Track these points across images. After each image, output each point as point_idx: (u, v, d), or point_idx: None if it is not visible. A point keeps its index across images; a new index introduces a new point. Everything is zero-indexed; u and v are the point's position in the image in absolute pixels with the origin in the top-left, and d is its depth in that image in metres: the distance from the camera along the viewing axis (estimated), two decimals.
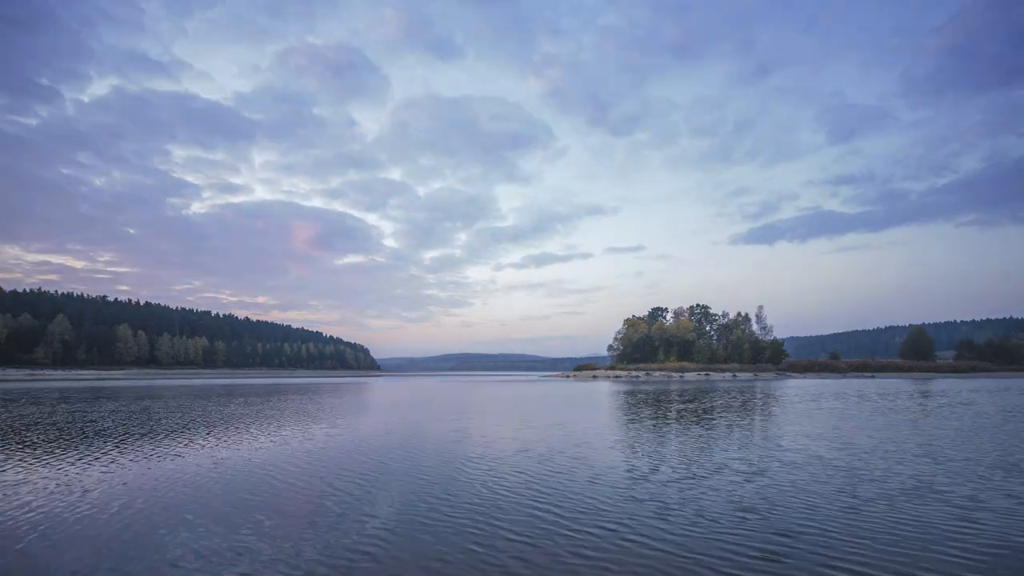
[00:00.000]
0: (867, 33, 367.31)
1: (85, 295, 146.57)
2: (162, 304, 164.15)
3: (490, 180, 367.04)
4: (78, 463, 9.09)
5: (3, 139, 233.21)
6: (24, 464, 9.03)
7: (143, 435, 12.82)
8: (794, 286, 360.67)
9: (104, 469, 8.61)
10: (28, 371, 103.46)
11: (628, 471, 8.45)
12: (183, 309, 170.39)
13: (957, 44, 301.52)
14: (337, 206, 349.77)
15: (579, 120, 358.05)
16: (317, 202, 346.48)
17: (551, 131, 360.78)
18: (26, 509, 6.18)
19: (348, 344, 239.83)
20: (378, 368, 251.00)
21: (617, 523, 5.57)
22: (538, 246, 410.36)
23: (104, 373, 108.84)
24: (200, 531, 5.33)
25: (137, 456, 9.85)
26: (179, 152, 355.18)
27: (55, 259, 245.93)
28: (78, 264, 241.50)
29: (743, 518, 5.73)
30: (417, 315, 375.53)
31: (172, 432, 13.44)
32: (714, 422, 15.78)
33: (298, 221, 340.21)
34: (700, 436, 12.74)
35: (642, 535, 5.15)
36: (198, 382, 61.18)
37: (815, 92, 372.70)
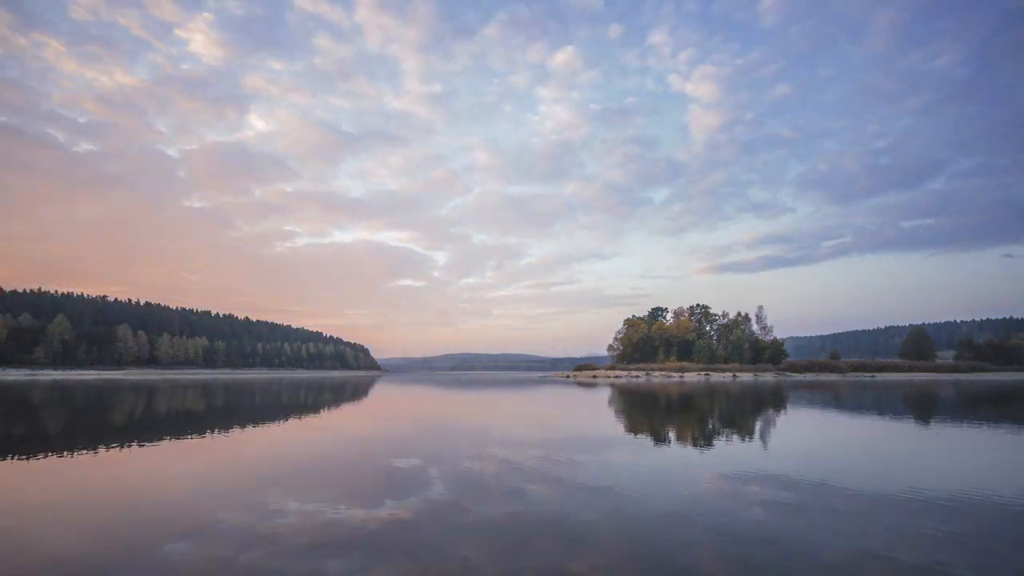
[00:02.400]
0: None
1: (85, 295, 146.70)
2: (162, 304, 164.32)
3: (529, 235, 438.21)
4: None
5: None
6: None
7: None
8: (794, 286, 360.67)
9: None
10: (28, 371, 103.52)
11: None
12: (183, 309, 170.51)
13: None
14: (406, 242, 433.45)
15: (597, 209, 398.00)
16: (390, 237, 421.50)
17: (575, 213, 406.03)
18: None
19: (348, 344, 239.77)
20: (378, 368, 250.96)
21: None
22: (551, 277, 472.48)
23: (104, 373, 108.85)
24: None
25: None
26: None
27: None
28: None
29: None
30: (435, 319, 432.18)
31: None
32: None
33: (376, 256, 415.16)
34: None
35: None
36: (222, 377, 61.10)
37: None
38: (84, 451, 9.75)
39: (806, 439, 12.44)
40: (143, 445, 10.58)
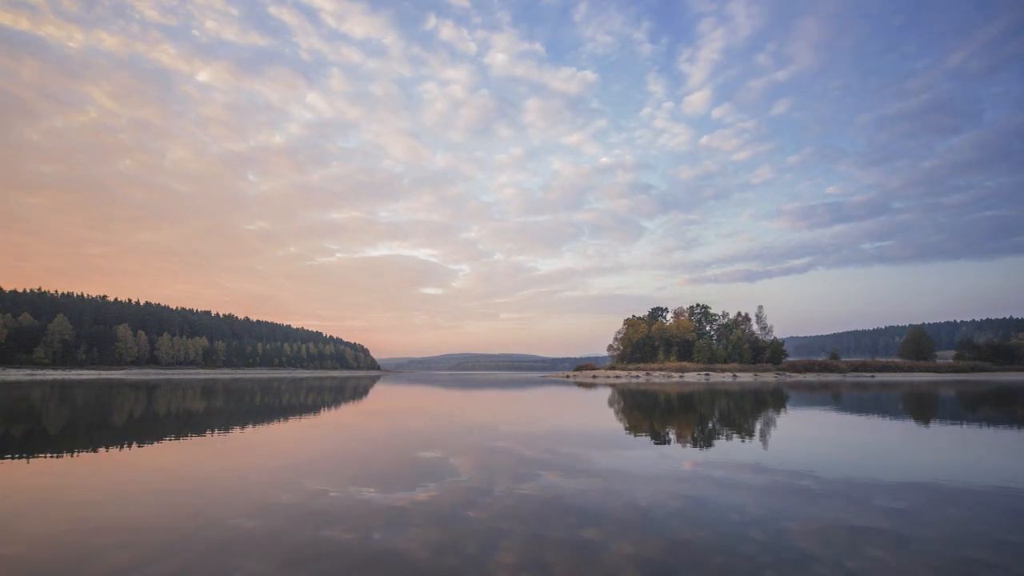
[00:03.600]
0: None
1: (85, 295, 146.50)
2: (163, 304, 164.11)
3: (541, 254, 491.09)
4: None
5: None
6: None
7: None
8: (794, 285, 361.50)
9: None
10: (28, 371, 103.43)
11: None
12: (183, 309, 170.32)
13: None
14: (433, 257, 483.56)
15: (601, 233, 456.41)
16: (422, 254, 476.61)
17: (583, 235, 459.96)
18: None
19: (348, 344, 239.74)
20: (378, 368, 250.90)
21: None
22: (557, 286, 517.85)
23: (104, 373, 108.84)
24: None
25: None
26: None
27: None
28: None
29: None
30: (446, 322, 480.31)
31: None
32: None
33: (404, 268, 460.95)
34: None
35: None
36: (228, 377, 61.29)
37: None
38: (129, 445, 10.30)
39: (798, 435, 12.90)
40: (177, 439, 11.21)
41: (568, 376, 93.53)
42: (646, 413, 18.07)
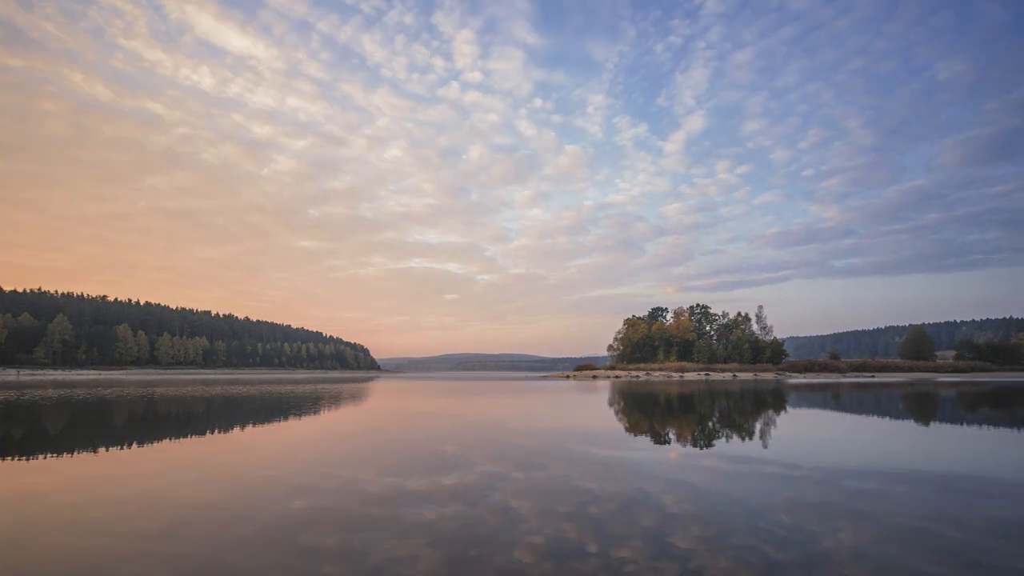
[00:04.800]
0: None
1: (85, 295, 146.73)
2: (162, 304, 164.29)
3: (552, 268, 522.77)
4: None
5: None
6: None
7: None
8: (793, 285, 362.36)
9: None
10: (28, 371, 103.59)
11: None
12: (183, 309, 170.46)
13: None
14: (457, 269, 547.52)
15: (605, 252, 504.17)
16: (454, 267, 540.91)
17: (592, 253, 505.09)
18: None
19: (348, 344, 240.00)
20: (378, 368, 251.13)
21: None
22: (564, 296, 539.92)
23: (104, 373, 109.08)
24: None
25: None
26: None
27: None
28: None
29: None
30: (454, 323, 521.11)
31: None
32: None
33: (431, 278, 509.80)
34: None
35: None
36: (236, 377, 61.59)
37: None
38: (165, 438, 11.09)
39: (790, 431, 13.33)
40: (204, 434, 11.82)
41: (568, 376, 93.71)
42: (646, 413, 18.43)
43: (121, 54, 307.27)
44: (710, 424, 14.21)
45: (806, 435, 11.74)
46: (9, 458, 8.22)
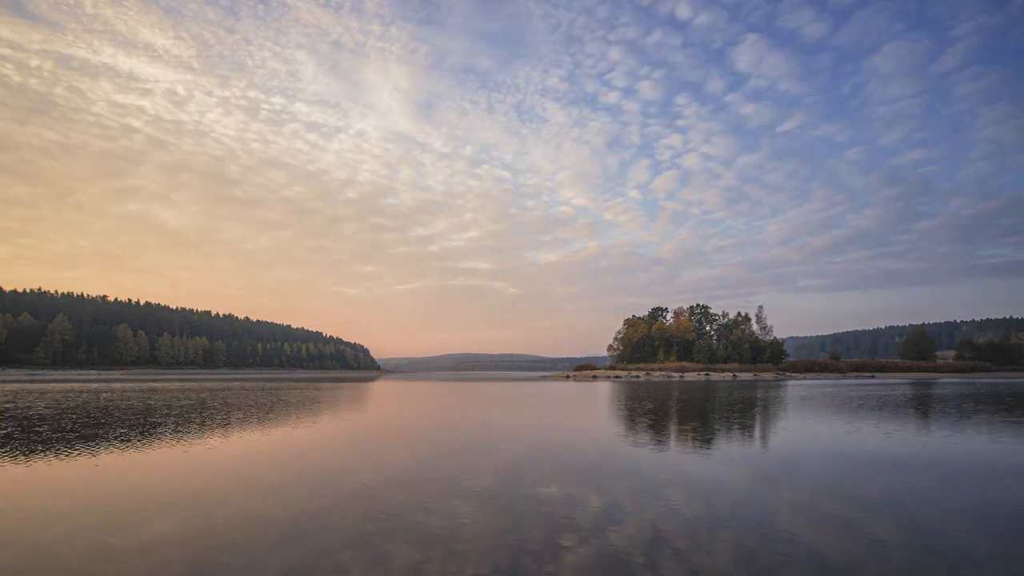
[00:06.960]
0: None
1: (85, 295, 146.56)
2: (162, 304, 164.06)
3: (563, 285, 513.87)
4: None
5: None
6: None
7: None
8: (793, 285, 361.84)
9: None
10: (28, 371, 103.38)
11: None
12: (183, 309, 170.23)
13: None
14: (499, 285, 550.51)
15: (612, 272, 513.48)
16: (500, 284, 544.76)
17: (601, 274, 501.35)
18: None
19: (348, 344, 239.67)
20: (378, 368, 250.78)
21: None
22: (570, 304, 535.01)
23: (104, 373, 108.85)
24: None
25: None
26: None
27: None
28: None
29: None
30: (459, 324, 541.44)
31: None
32: None
33: (471, 292, 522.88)
34: None
35: None
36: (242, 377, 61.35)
37: None
38: (229, 435, 12.20)
39: (783, 428, 13.58)
40: (245, 430, 13.16)
41: (568, 376, 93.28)
42: (646, 412, 18.43)
43: None
44: (706, 422, 14.28)
45: (781, 424, 11.89)
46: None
